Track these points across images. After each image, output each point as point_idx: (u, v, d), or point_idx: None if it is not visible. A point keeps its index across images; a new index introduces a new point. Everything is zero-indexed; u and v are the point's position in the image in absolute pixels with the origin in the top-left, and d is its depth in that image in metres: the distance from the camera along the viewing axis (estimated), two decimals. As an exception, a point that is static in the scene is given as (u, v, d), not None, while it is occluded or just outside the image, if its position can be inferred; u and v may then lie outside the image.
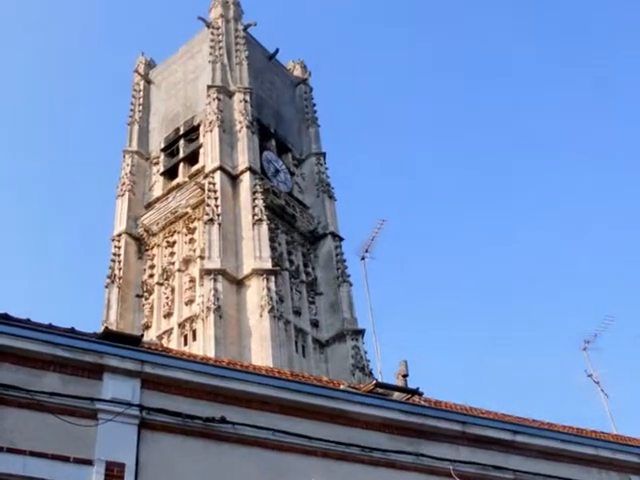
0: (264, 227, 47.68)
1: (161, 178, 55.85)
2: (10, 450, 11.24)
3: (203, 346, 41.73)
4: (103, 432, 11.82)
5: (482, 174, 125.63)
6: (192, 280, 47.72)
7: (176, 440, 12.33)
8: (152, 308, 48.96)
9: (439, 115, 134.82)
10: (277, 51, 64.19)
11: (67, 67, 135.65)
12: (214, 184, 49.52)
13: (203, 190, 49.99)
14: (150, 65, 64.92)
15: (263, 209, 48.45)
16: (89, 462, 11.56)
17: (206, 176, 50.53)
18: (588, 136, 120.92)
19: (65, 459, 11.45)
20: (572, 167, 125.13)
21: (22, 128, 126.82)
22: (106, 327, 26.52)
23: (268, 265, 45.79)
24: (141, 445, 12.04)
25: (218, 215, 47.60)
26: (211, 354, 37.63)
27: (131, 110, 61.58)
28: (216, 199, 48.43)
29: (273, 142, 57.28)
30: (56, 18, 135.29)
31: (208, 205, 48.33)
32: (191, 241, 50.02)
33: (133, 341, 13.43)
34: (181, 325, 46.39)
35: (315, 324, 49.62)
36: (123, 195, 54.79)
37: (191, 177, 53.06)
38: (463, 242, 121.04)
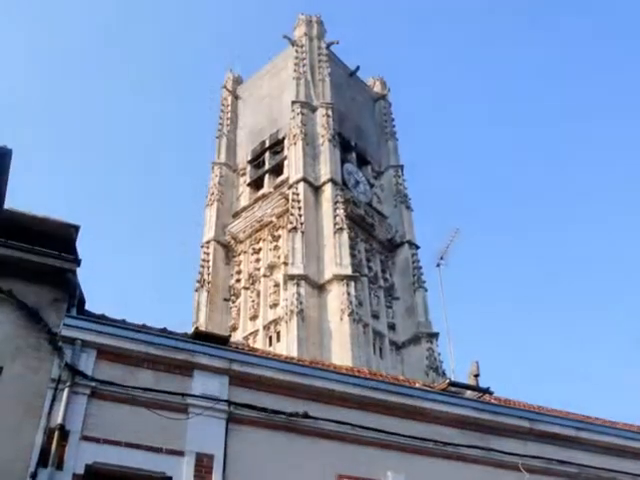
0: (344, 235, 47.79)
1: (247, 188, 56.23)
2: (106, 441, 11.44)
3: (287, 347, 41.93)
4: (193, 425, 12.01)
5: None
6: (276, 285, 47.99)
7: (261, 433, 12.47)
8: (239, 311, 49.36)
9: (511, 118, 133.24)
10: (358, 68, 64.16)
11: (162, 87, 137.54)
12: (298, 194, 49.76)
13: (287, 200, 50.26)
14: (238, 81, 65.31)
15: (344, 218, 48.58)
16: (180, 453, 11.73)
17: (290, 187, 50.78)
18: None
19: (158, 450, 11.63)
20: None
21: (120, 150, 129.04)
22: (197, 328, 26.78)
23: (348, 271, 45.89)
24: (229, 438, 12.19)
25: (301, 224, 47.83)
26: (294, 354, 37.78)
27: (219, 124, 61.98)
28: (299, 209, 48.66)
29: (353, 155, 57.31)
30: (151, 42, 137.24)
31: (292, 214, 48.57)
32: (275, 248, 50.29)
33: (222, 341, 13.61)
34: (266, 327, 46.68)
35: (392, 327, 49.58)
36: (212, 205, 55.28)
37: (276, 188, 53.32)
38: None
